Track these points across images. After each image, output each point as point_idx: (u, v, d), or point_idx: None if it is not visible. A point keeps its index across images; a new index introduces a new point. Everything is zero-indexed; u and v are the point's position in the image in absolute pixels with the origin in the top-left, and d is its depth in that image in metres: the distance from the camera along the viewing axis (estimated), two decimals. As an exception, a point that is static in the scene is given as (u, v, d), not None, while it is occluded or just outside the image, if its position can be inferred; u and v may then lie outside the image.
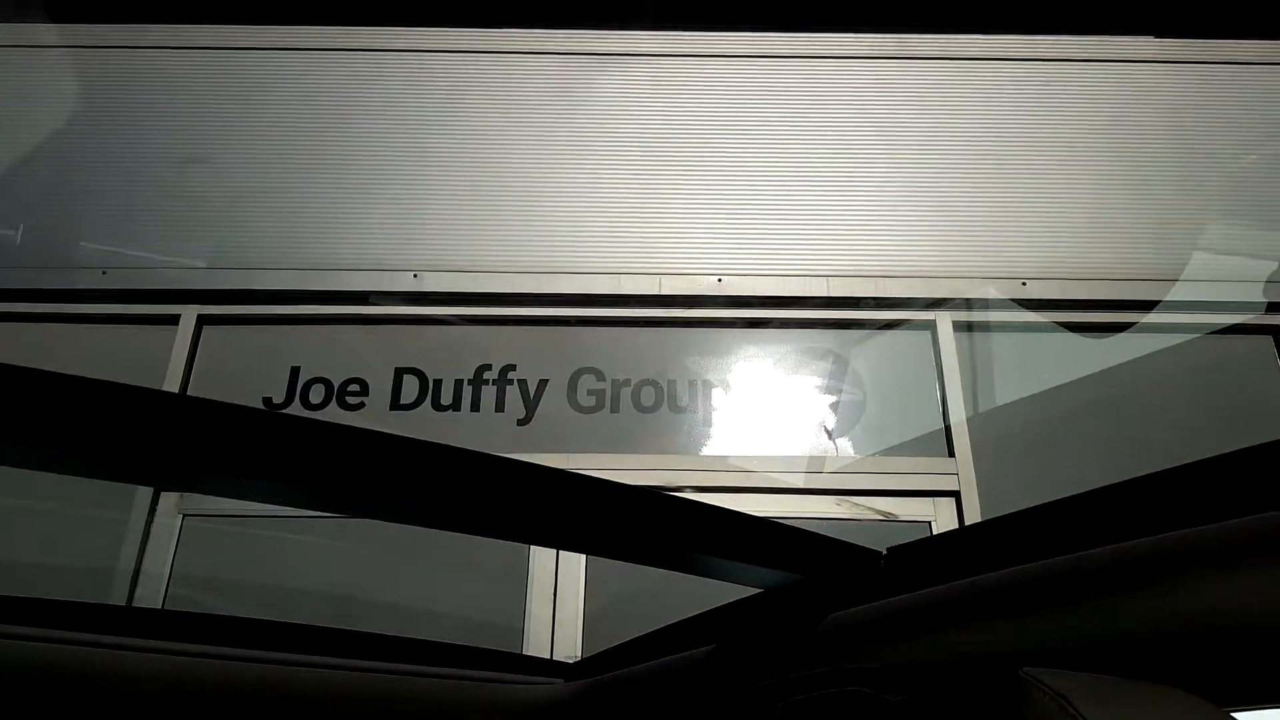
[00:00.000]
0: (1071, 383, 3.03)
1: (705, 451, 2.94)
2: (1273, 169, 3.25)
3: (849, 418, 3.00)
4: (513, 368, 3.01)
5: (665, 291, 3.07)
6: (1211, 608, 0.69)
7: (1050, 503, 0.77)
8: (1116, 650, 0.74)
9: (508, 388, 2.98)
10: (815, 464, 2.90)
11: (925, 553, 0.84)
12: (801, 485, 2.84)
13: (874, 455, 2.94)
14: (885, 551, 0.88)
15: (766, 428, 2.97)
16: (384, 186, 3.21)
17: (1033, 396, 3.02)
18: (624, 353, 3.06)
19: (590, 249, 3.12)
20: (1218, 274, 3.13)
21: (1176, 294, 3.09)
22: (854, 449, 2.96)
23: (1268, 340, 3.10)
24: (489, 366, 3.01)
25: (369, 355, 3.03)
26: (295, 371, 3.01)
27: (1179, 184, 3.23)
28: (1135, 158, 3.27)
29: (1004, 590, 0.77)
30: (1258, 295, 3.09)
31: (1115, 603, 0.72)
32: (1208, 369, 3.06)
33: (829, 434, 2.97)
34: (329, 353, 3.04)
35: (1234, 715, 0.69)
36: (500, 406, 2.95)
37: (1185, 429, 2.92)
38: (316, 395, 2.97)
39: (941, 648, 0.82)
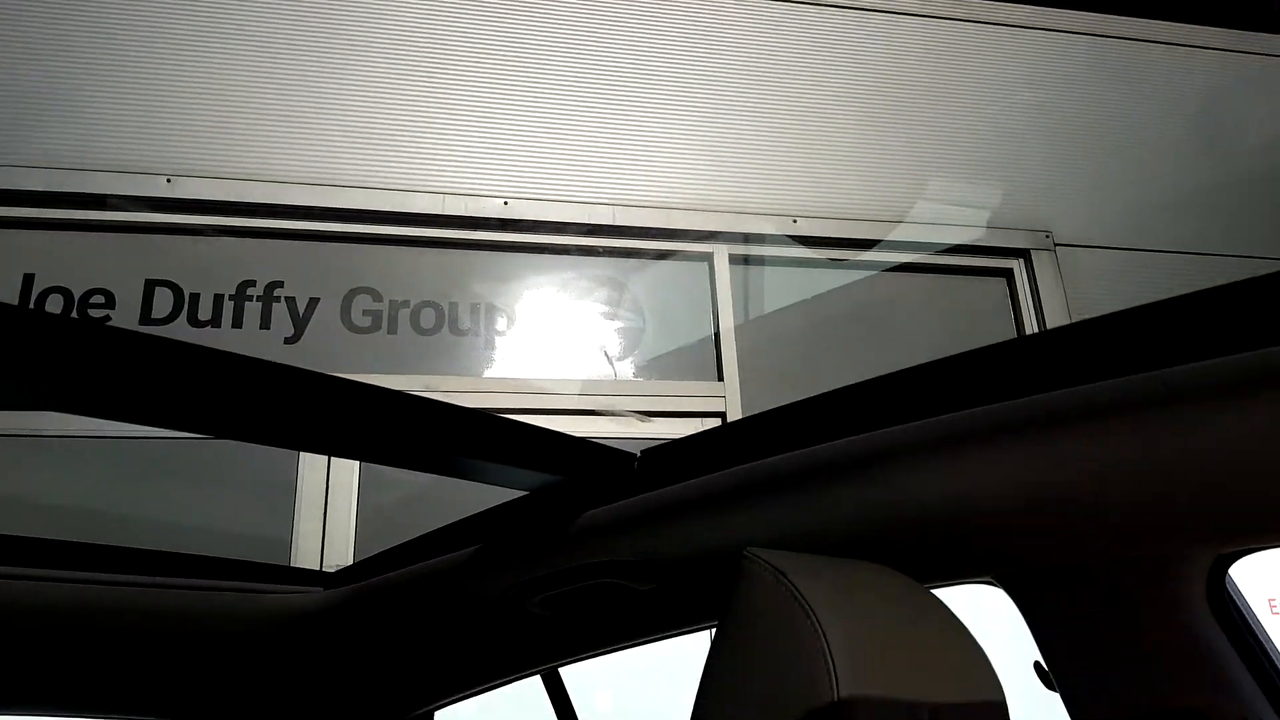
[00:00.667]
0: (834, 314, 3.27)
1: (487, 374, 2.94)
2: (1021, 125, 3.59)
3: (628, 343, 3.08)
4: (280, 284, 2.85)
5: (448, 211, 3.00)
6: (917, 496, 0.79)
7: (784, 405, 0.84)
8: (834, 536, 0.83)
9: (274, 305, 2.83)
10: (594, 386, 2.97)
11: (674, 453, 0.90)
12: (579, 406, 2.91)
13: (651, 379, 3.05)
14: (639, 454, 0.93)
15: (548, 351, 3.00)
16: (137, 79, 2.91)
17: (797, 326, 3.23)
18: (403, 273, 2.97)
19: (369, 162, 2.99)
20: (960, 219, 3.45)
21: (928, 236, 3.38)
22: (632, 373, 3.05)
23: (1003, 282, 3.47)
24: (253, 282, 2.84)
25: (116, 265, 2.77)
26: (29, 279, 2.70)
27: (935, 134, 3.51)
28: (896, 109, 3.51)
29: (740, 485, 0.83)
30: (996, 241, 3.45)
31: (834, 493, 0.81)
32: (954, 306, 3.39)
33: (608, 358, 3.05)
34: (69, 260, 2.75)
35: (933, 590, 0.80)
36: (266, 324, 2.80)
37: (930, 357, 3.23)
38: (54, 305, 2.69)
39: (686, 538, 0.89)
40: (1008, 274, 3.47)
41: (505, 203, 3.05)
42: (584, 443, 0.91)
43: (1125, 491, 0.70)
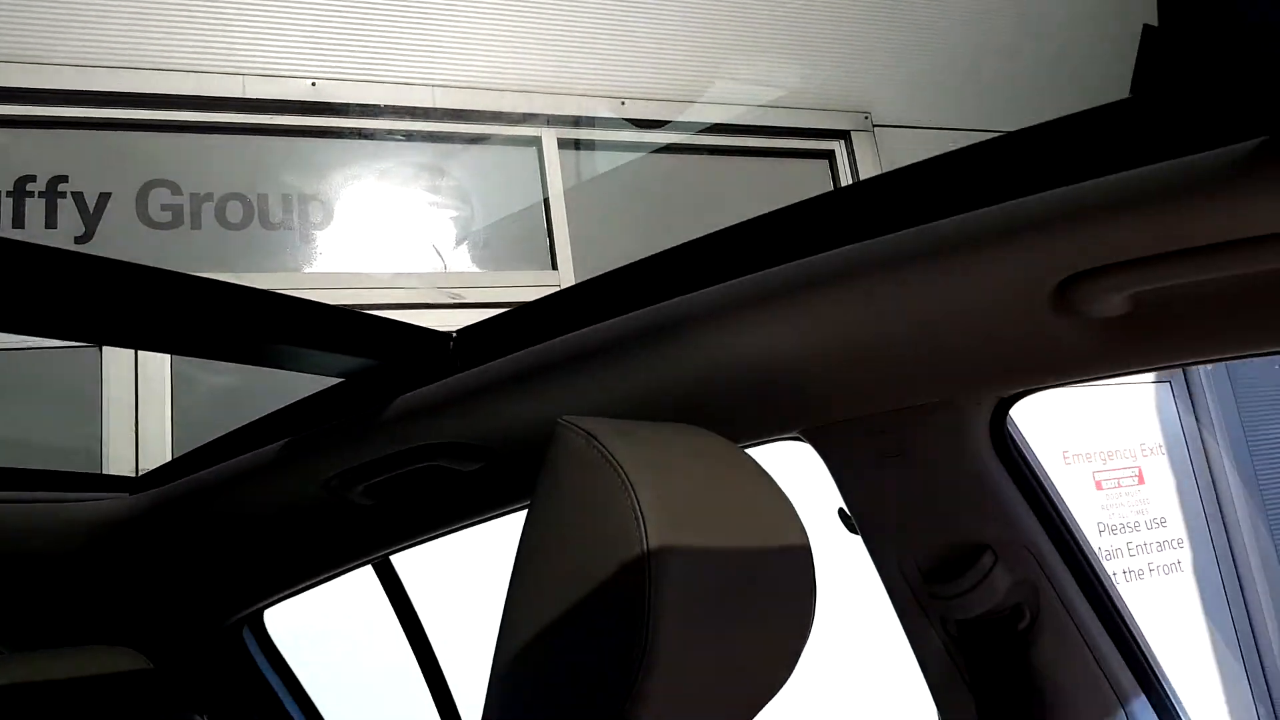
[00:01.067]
0: (664, 198, 3.28)
1: (306, 270, 2.80)
2: (842, 6, 3.63)
3: (456, 233, 3.00)
4: (64, 179, 2.58)
5: (250, 94, 2.78)
6: (727, 358, 0.81)
7: (595, 276, 0.84)
8: (651, 402, 0.85)
9: (60, 201, 2.57)
10: (421, 279, 2.89)
11: (491, 331, 0.89)
12: (407, 300, 2.82)
13: (483, 270, 2.99)
14: (455, 333, 0.91)
15: (370, 244, 2.88)
16: None
17: (628, 211, 3.23)
18: (203, 164, 2.75)
19: (159, 40, 2.71)
20: (782, 100, 3.49)
21: (752, 117, 3.41)
22: (462, 263, 2.98)
23: (825, 164, 3.57)
24: (33, 177, 2.55)
25: None
26: None
27: (759, 15, 3.50)
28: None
29: (557, 358, 0.84)
30: (817, 123, 3.52)
31: (649, 359, 0.82)
32: (781, 187, 3.46)
33: (435, 249, 2.96)
34: None
35: (745, 449, 0.83)
36: (52, 223, 2.54)
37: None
38: None
39: (507, 416, 0.89)
40: (829, 155, 3.57)
41: (313, 84, 2.86)
42: (397, 324, 0.89)
43: (912, 342, 0.74)
